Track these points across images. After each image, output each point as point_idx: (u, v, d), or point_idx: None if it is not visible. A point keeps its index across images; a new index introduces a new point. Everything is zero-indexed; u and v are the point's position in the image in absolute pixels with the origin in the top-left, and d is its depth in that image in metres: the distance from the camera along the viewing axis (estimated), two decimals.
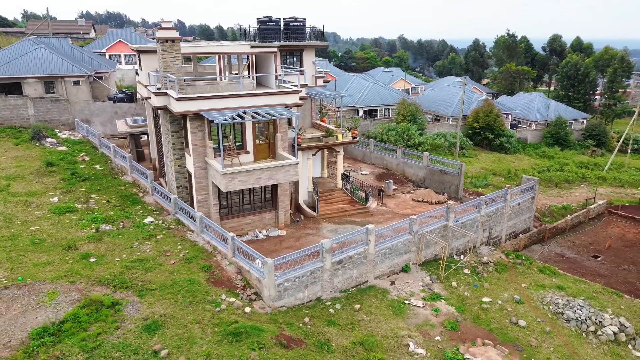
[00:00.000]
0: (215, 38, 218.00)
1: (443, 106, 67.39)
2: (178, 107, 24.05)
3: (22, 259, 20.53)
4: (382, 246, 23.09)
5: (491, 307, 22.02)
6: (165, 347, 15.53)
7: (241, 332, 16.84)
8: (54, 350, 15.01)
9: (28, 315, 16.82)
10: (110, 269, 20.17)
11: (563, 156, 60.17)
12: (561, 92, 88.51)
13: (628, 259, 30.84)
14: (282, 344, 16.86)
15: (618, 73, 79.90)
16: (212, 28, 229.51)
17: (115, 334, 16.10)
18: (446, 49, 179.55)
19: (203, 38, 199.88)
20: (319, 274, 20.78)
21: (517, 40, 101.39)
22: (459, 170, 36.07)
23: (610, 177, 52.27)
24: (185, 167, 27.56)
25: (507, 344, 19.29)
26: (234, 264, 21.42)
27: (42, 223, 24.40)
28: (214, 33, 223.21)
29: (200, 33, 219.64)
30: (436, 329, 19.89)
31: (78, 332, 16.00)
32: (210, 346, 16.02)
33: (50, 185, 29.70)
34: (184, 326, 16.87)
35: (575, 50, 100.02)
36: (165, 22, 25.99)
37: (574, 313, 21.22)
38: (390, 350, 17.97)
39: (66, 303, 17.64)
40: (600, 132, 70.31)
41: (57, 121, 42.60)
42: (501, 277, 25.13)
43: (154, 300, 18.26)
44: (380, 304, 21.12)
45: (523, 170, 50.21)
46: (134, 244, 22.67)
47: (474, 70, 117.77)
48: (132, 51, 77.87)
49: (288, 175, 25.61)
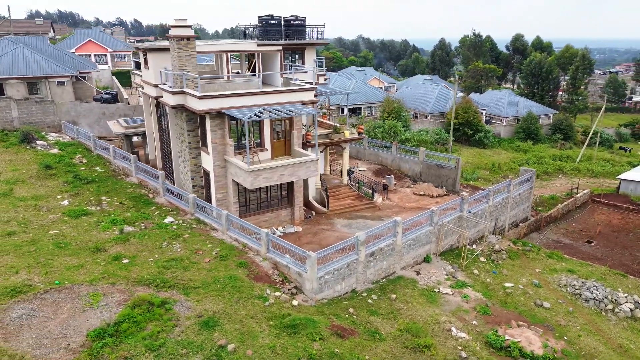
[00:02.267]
0: None
1: (421, 104, 69.10)
2: (200, 105, 23.93)
3: (52, 263, 19.99)
4: (407, 238, 23.81)
5: (514, 291, 23.15)
6: (230, 342, 15.63)
7: (297, 324, 17.11)
8: (119, 350, 14.85)
9: (78, 318, 16.49)
10: (146, 269, 19.95)
11: (537, 150, 63.05)
12: (526, 89, 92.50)
13: (619, 243, 32.89)
14: (337, 334, 17.26)
15: (580, 70, 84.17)
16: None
17: (175, 331, 16.06)
18: (408, 48, 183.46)
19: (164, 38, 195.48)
20: (354, 266, 21.25)
21: (482, 39, 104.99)
22: (455, 164, 37.33)
23: (583, 168, 55.31)
24: (200, 166, 27.37)
25: (539, 325, 20.39)
26: (268, 259, 21.58)
27: (59, 226, 23.74)
28: None
29: (161, 33, 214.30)
30: (470, 314, 20.76)
31: (136, 332, 15.86)
32: (271, 339, 16.23)
33: (54, 188, 28.81)
34: (240, 321, 16.97)
35: (537, 48, 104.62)
36: (179, 19, 25.74)
37: (591, 293, 22.64)
38: (436, 336, 18.67)
39: (113, 304, 17.38)
40: (566, 127, 73.95)
41: (43, 123, 41.07)
42: (515, 263, 26.38)
43: (201, 297, 18.24)
44: (413, 293, 21.82)
45: (505, 164, 52.45)
46: (163, 244, 22.43)
47: (440, 69, 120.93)
48: (103, 50, 76.06)
49: (309, 171, 25.94)
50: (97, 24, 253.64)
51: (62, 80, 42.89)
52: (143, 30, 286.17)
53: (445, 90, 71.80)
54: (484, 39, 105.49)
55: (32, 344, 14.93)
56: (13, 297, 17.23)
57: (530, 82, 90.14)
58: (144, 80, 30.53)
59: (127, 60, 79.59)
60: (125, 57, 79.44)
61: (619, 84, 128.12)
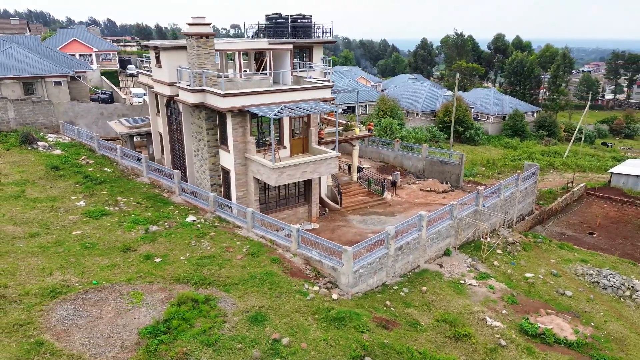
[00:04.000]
0: (153, 37, 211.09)
1: (411, 102, 70.02)
2: (224, 103, 23.91)
3: (84, 263, 19.75)
4: (430, 231, 24.28)
5: (535, 281, 23.88)
6: (283, 336, 15.77)
7: (343, 317, 17.35)
8: (175, 347, 14.82)
9: (125, 317, 16.37)
10: (182, 268, 19.89)
11: (525, 146, 64.66)
12: (508, 87, 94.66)
13: (619, 234, 34.14)
14: (382, 326, 17.58)
15: (561, 69, 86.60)
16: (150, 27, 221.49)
17: (225, 327, 16.09)
18: (387, 48, 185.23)
19: (141, 38, 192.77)
20: (385, 260, 21.60)
21: (465, 39, 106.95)
22: (459, 160, 38.11)
23: (572, 163, 56.96)
24: (219, 165, 27.31)
25: (565, 312, 21.12)
26: (299, 255, 21.74)
27: (82, 227, 23.40)
28: (152, 32, 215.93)
29: (137, 33, 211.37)
30: (499, 304, 21.36)
31: (187, 328, 15.84)
32: (321, 332, 16.42)
33: (67, 189, 28.34)
34: (287, 315, 17.11)
35: (517, 48, 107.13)
36: (198, 17, 25.65)
37: (608, 281, 23.54)
38: (472, 325, 19.16)
39: (157, 302, 17.31)
40: (550, 124, 76.08)
41: (40, 124, 40.21)
42: (530, 255, 27.17)
43: (242, 294, 18.29)
44: (441, 285, 22.30)
45: (499, 160, 53.67)
46: (191, 242, 22.35)
47: (422, 68, 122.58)
48: (89, 50, 74.61)
49: (329, 168, 26.19)
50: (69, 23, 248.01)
51: (58, 80, 42.04)
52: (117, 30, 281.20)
53: (434, 89, 72.94)
54: (466, 38, 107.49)
55: (86, 344, 14.78)
56: (54, 298, 16.99)
57: (512, 80, 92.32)
58: (155, 79, 30.23)
59: (113, 60, 78.31)
60: (110, 57, 78.10)
61: (592, 82, 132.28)
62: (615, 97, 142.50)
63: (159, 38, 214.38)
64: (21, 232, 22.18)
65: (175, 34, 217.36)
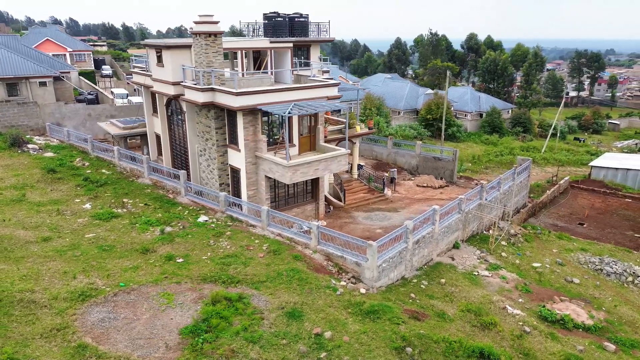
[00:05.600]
0: (120, 37, 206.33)
1: (393, 101, 70.97)
2: (237, 102, 23.83)
3: (106, 266, 19.39)
4: (442, 225, 24.86)
5: (543, 270, 24.78)
6: (325, 330, 15.93)
7: (376, 310, 17.65)
8: (221, 345, 14.79)
9: (161, 318, 16.21)
10: (207, 267, 19.77)
11: (505, 142, 66.53)
12: (482, 86, 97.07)
13: (607, 224, 35.67)
14: (414, 317, 17.96)
15: (533, 67, 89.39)
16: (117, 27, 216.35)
17: (264, 324, 16.13)
18: (359, 48, 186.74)
19: (108, 37, 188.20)
20: (404, 254, 22.01)
21: (439, 38, 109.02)
22: (453, 156, 39.00)
23: (550, 158, 59.04)
24: (227, 164, 27.16)
25: (576, 299, 22.03)
26: (319, 252, 21.91)
27: (94, 230, 22.93)
28: (118, 32, 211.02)
29: (103, 32, 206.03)
30: (514, 293, 22.09)
31: (227, 326, 15.80)
32: (358, 325, 16.66)
33: (68, 192, 27.65)
34: (322, 310, 17.27)
35: (488, 47, 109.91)
36: (206, 15, 25.48)
37: (611, 268, 24.68)
38: (495, 314, 19.78)
39: (189, 302, 17.19)
40: (525, 120, 78.44)
41: (25, 126, 38.93)
42: (532, 245, 28.14)
43: (272, 291, 18.33)
44: (457, 277, 22.88)
45: (483, 156, 55.10)
46: (210, 242, 22.21)
47: (397, 67, 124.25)
48: (62, 50, 72.45)
49: (340, 165, 26.44)
50: (29, 23, 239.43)
51: (43, 80, 40.78)
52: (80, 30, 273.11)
53: (415, 87, 74.17)
54: (440, 37, 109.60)
55: (129, 346, 14.58)
56: (84, 302, 16.65)
57: (486, 78, 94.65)
58: (156, 78, 29.78)
59: (88, 60, 76.25)
60: (85, 57, 75.99)
61: (557, 80, 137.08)
62: (578, 95, 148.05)
63: (126, 38, 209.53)
64: (33, 236, 21.55)
65: (143, 34, 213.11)
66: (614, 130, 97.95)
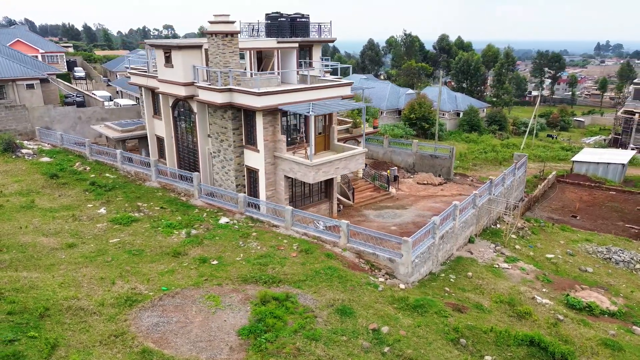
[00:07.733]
0: (81, 38, 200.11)
1: (376, 100, 71.79)
2: (259, 102, 23.74)
3: (141, 271, 19.00)
4: (460, 220, 25.49)
5: (557, 261, 25.78)
6: (381, 325, 16.14)
7: (421, 304, 17.98)
8: (283, 344, 14.78)
9: (215, 320, 16.04)
10: (244, 268, 19.64)
11: (485, 140, 68.37)
12: (456, 85, 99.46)
13: (599, 215, 37.34)
14: (458, 310, 18.40)
15: (504, 67, 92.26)
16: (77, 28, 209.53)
17: (319, 322, 16.20)
18: (328, 49, 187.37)
19: (69, 38, 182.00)
20: (432, 249, 22.48)
21: (413, 39, 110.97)
22: (449, 153, 39.93)
23: (530, 154, 61.05)
24: (243, 165, 26.97)
25: (594, 287, 23.04)
26: (349, 249, 22.11)
27: (117, 235, 22.37)
28: (79, 33, 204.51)
29: (64, 33, 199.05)
30: (536, 284, 22.90)
31: (284, 326, 15.79)
32: (408, 319, 16.96)
33: (78, 197, 26.84)
34: (370, 306, 17.48)
35: (459, 48, 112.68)
36: (221, 15, 25.25)
37: (619, 257, 25.92)
38: (526, 304, 20.46)
39: (237, 303, 17.08)
40: (501, 119, 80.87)
41: (14, 130, 37.45)
42: (540, 237, 29.20)
43: (315, 289, 18.40)
44: (481, 270, 23.51)
45: (469, 153, 56.51)
46: (239, 243, 22.05)
47: (370, 68, 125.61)
48: (34, 51, 69.85)
49: (358, 163, 26.71)
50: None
51: (31, 83, 39.28)
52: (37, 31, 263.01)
53: (397, 88, 75.30)
54: (413, 38, 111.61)
55: (192, 349, 14.38)
56: (132, 307, 16.27)
57: (459, 78, 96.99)
58: (163, 79, 29.23)
59: (60, 61, 73.78)
60: (57, 59, 73.49)
61: (520, 80, 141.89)
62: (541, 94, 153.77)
63: (88, 38, 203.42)
64: (56, 243, 20.83)
65: (106, 34, 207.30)
66: (579, 127, 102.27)
